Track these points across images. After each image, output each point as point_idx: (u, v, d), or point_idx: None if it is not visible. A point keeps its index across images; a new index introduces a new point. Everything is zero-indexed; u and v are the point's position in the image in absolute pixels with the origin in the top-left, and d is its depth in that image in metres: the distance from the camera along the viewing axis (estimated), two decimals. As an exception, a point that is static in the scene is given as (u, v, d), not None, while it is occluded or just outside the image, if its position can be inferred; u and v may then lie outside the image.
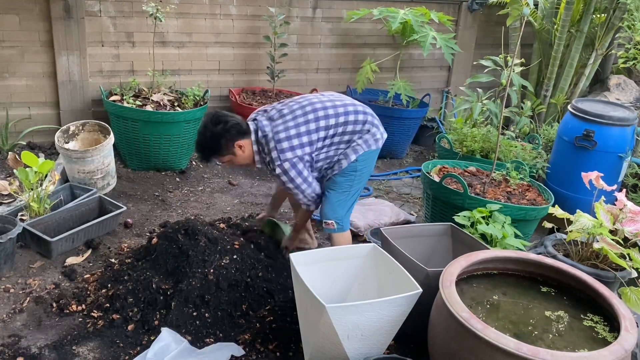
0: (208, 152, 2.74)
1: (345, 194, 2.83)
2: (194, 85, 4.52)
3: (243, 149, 2.72)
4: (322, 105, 2.76)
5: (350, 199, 2.88)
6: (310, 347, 2.25)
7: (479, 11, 5.62)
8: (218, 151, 2.71)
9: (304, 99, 2.83)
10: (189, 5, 4.55)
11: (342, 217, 2.86)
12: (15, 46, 4.14)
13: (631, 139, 3.81)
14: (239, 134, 2.69)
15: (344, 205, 2.85)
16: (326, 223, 2.86)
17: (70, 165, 3.66)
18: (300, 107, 2.76)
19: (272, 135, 2.68)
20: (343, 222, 2.87)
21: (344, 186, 2.82)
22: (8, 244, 2.84)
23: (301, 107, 2.76)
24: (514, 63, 3.12)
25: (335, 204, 2.83)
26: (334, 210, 2.83)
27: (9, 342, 2.42)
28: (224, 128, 2.65)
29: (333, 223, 2.84)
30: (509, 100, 3.82)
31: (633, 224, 2.65)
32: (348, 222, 2.93)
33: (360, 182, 2.87)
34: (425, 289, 2.20)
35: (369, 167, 2.89)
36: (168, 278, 2.70)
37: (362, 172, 2.84)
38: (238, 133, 2.68)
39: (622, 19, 4.87)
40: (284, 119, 2.72)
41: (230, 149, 2.70)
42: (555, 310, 2.18)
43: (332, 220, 2.84)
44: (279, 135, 2.67)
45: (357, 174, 2.82)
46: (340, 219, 2.85)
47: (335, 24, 5.17)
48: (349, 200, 2.87)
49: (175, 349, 2.35)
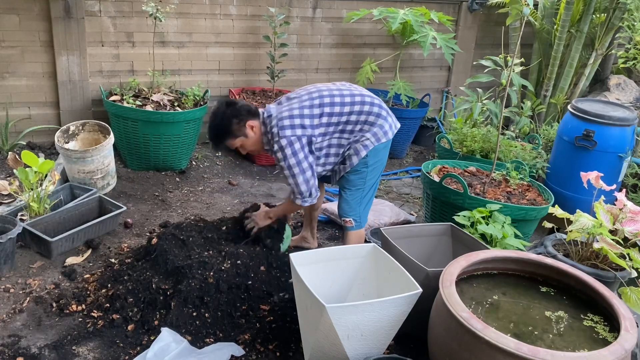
0: (221, 135, 2.77)
1: (360, 191, 2.86)
2: (194, 85, 4.52)
3: (254, 130, 2.75)
4: (329, 93, 2.78)
5: (366, 195, 2.89)
6: (310, 347, 2.25)
7: (479, 11, 5.62)
8: (230, 133, 2.74)
9: (314, 87, 2.86)
10: (189, 5, 4.55)
11: (360, 213, 2.90)
12: (15, 46, 4.13)
13: (631, 139, 3.81)
14: (250, 114, 2.75)
15: (360, 202, 2.88)
16: (344, 221, 2.91)
17: (70, 165, 3.66)
18: (307, 93, 2.80)
19: (276, 114, 2.73)
20: (361, 219, 2.91)
21: (357, 183, 2.84)
22: (8, 244, 2.84)
23: (308, 93, 2.80)
24: (514, 63, 3.12)
25: (352, 201, 2.87)
26: (351, 207, 2.88)
27: (9, 342, 2.42)
28: (235, 109, 2.73)
29: (351, 221, 2.89)
30: (509, 100, 3.82)
31: (633, 224, 2.65)
32: (365, 219, 2.96)
33: (373, 177, 2.87)
34: (425, 289, 2.20)
35: (381, 160, 2.87)
36: (168, 278, 2.70)
37: (373, 166, 2.83)
38: (248, 113, 2.75)
39: (622, 19, 4.87)
40: (290, 102, 2.78)
41: (242, 130, 2.74)
42: (555, 310, 2.18)
43: (350, 217, 2.89)
44: (282, 114, 2.71)
45: (368, 169, 2.82)
46: (358, 216, 2.89)
47: (335, 24, 5.17)
48: (365, 197, 2.89)
49: (175, 349, 2.35)
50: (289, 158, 2.67)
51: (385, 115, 2.83)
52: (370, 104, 2.79)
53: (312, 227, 3.37)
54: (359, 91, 2.84)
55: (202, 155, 4.69)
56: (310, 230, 3.37)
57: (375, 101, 2.83)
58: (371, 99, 2.82)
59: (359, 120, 2.77)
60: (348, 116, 2.76)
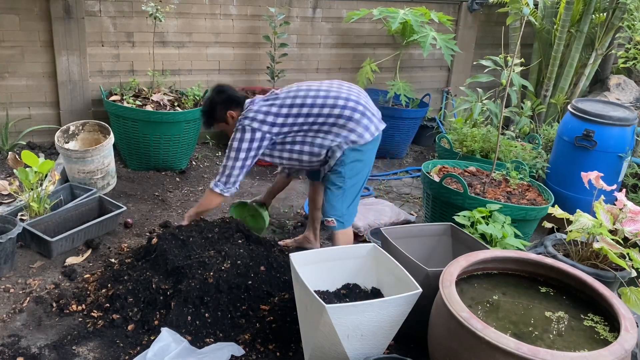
0: (206, 118, 3.03)
1: (340, 190, 2.86)
2: (194, 85, 4.53)
3: (234, 118, 2.93)
4: (306, 93, 2.85)
5: (347, 195, 2.88)
6: (310, 347, 2.25)
7: (479, 11, 5.62)
8: (213, 118, 2.98)
9: (305, 84, 2.94)
10: (189, 5, 4.55)
11: (342, 213, 2.88)
12: (15, 46, 4.14)
13: (631, 139, 3.81)
14: (232, 103, 2.94)
15: (340, 200, 2.87)
16: (327, 221, 2.90)
17: (70, 165, 3.66)
18: (290, 90, 2.91)
19: (251, 107, 2.86)
20: (343, 218, 2.89)
21: (336, 183, 2.86)
22: (8, 244, 2.84)
23: (289, 90, 2.91)
24: (514, 63, 3.12)
25: (332, 200, 2.87)
26: (332, 207, 2.87)
27: (9, 342, 2.42)
28: (220, 97, 2.95)
29: (333, 220, 2.88)
30: (509, 100, 3.82)
31: (633, 224, 2.65)
32: (350, 219, 2.95)
33: (352, 177, 2.86)
34: (425, 289, 2.20)
35: (362, 160, 2.86)
36: (168, 278, 2.70)
37: (351, 166, 2.83)
38: (231, 102, 2.94)
39: (622, 19, 4.87)
40: (273, 96, 2.89)
41: (224, 117, 2.95)
42: (555, 310, 2.18)
43: (332, 217, 2.88)
44: (254, 106, 2.86)
45: (346, 168, 2.82)
46: (340, 216, 2.88)
47: (335, 24, 5.17)
48: (346, 196, 2.87)
49: (175, 349, 2.35)
50: (233, 142, 2.83)
51: (359, 118, 2.79)
52: (341, 107, 2.77)
53: (314, 228, 3.37)
54: (345, 92, 2.83)
55: (202, 155, 4.69)
56: (313, 231, 3.37)
57: (349, 104, 2.79)
58: (344, 102, 2.78)
59: (328, 122, 2.79)
60: (316, 117, 2.80)
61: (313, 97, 2.82)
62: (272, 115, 2.80)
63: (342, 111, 2.78)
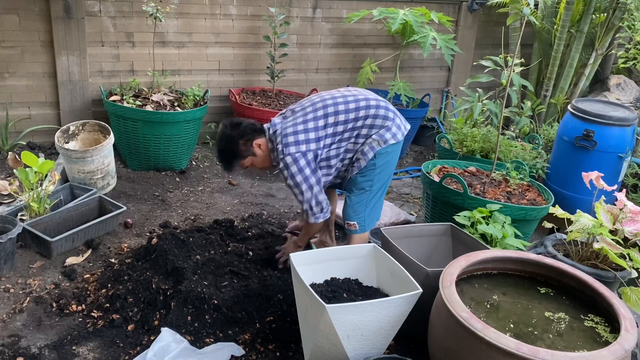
0: (230, 157, 2.77)
1: (367, 194, 2.82)
2: (194, 85, 4.52)
3: (262, 147, 2.75)
4: (333, 101, 2.75)
5: (373, 198, 2.85)
6: (310, 347, 2.25)
7: (479, 11, 5.62)
8: (239, 154, 2.74)
9: (318, 96, 2.83)
10: (189, 5, 4.55)
11: (365, 217, 2.85)
12: (15, 46, 4.14)
13: (631, 139, 3.81)
14: (255, 132, 2.74)
15: (365, 205, 2.83)
16: (348, 224, 2.87)
17: (70, 165, 3.66)
18: (311, 104, 2.77)
19: (281, 130, 2.70)
20: (365, 222, 2.86)
21: (364, 185, 2.81)
22: (8, 244, 2.84)
23: (312, 104, 2.77)
24: (514, 63, 3.12)
25: (357, 205, 2.83)
26: (355, 211, 2.83)
27: (9, 342, 2.42)
28: (239, 129, 2.71)
29: (355, 224, 2.85)
30: (509, 100, 3.82)
31: (633, 224, 2.65)
32: (372, 223, 2.92)
33: (380, 179, 2.83)
34: (425, 289, 2.20)
35: (389, 162, 2.83)
36: (168, 278, 2.70)
37: (382, 168, 2.79)
38: (254, 132, 2.73)
39: (622, 19, 4.87)
40: (295, 115, 2.75)
41: (250, 149, 2.74)
42: (555, 311, 2.18)
43: (354, 221, 2.85)
44: (286, 130, 2.69)
45: (376, 171, 2.78)
46: (363, 220, 2.85)
47: (335, 24, 5.17)
48: (371, 200, 2.84)
49: (175, 349, 2.35)
50: (295, 176, 2.66)
51: (393, 117, 2.80)
52: (375, 107, 2.76)
53: (329, 231, 3.33)
54: (363, 95, 2.81)
55: (202, 155, 4.69)
56: (328, 234, 3.33)
57: (381, 104, 2.79)
58: (376, 102, 2.79)
59: (365, 124, 2.75)
60: (354, 122, 2.74)
61: (343, 102, 2.74)
62: (312, 131, 2.68)
63: (377, 110, 2.75)
